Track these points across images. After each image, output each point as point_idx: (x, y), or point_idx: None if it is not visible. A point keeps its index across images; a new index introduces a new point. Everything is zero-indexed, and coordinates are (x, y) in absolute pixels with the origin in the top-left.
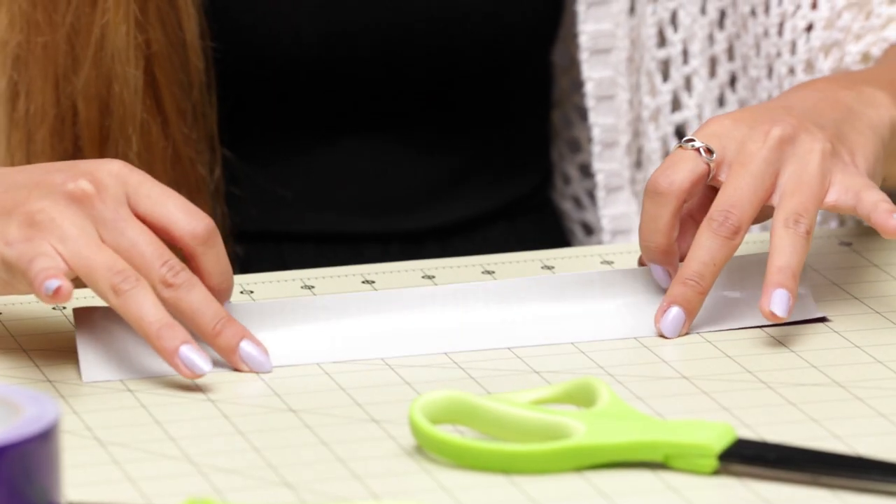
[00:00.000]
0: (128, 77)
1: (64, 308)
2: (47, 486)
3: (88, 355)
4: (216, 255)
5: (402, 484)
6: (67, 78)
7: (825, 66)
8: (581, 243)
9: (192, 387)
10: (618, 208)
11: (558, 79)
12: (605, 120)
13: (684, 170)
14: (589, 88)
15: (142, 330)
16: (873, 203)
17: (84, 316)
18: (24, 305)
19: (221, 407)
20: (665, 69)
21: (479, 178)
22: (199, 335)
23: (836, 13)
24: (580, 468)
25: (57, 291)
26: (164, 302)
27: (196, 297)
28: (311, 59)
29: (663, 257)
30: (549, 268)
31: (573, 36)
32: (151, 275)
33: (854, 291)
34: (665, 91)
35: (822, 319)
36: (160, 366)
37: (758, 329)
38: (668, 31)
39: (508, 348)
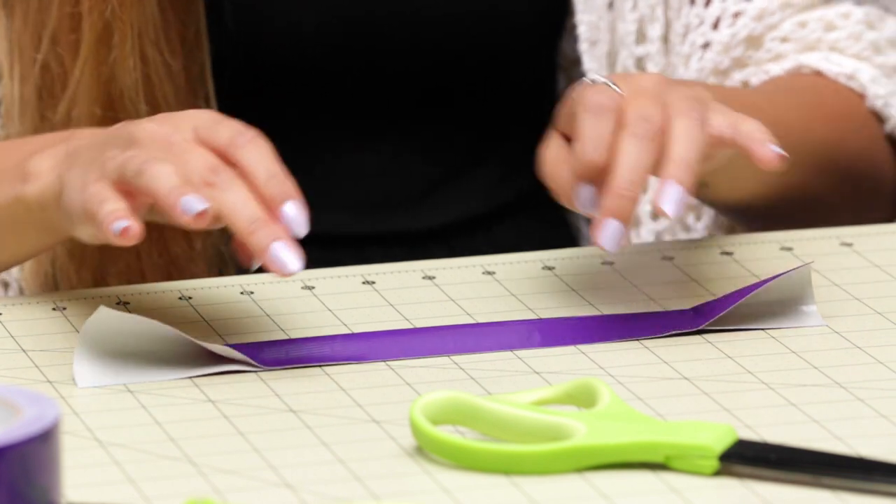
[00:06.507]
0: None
1: (65, 309)
2: (47, 486)
3: (84, 361)
4: (258, 153)
5: (403, 485)
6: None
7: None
8: (587, 239)
9: (192, 388)
10: None
11: (563, 73)
12: None
13: (612, 90)
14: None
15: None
16: (748, 133)
17: (89, 322)
18: (24, 306)
19: (222, 408)
20: (642, 66)
21: (482, 175)
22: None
23: (735, 41)
24: (581, 469)
25: (125, 231)
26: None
27: (234, 196)
28: (311, 58)
29: (599, 174)
30: (549, 268)
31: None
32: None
33: (855, 292)
34: None
35: None
36: (157, 372)
37: (759, 330)
38: (648, 28)
39: (509, 349)
